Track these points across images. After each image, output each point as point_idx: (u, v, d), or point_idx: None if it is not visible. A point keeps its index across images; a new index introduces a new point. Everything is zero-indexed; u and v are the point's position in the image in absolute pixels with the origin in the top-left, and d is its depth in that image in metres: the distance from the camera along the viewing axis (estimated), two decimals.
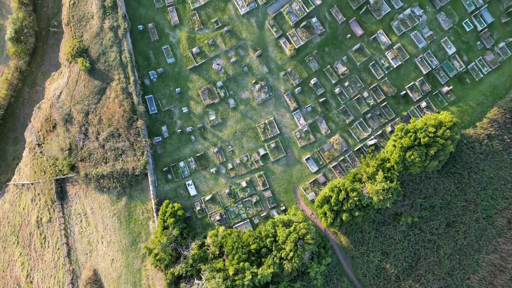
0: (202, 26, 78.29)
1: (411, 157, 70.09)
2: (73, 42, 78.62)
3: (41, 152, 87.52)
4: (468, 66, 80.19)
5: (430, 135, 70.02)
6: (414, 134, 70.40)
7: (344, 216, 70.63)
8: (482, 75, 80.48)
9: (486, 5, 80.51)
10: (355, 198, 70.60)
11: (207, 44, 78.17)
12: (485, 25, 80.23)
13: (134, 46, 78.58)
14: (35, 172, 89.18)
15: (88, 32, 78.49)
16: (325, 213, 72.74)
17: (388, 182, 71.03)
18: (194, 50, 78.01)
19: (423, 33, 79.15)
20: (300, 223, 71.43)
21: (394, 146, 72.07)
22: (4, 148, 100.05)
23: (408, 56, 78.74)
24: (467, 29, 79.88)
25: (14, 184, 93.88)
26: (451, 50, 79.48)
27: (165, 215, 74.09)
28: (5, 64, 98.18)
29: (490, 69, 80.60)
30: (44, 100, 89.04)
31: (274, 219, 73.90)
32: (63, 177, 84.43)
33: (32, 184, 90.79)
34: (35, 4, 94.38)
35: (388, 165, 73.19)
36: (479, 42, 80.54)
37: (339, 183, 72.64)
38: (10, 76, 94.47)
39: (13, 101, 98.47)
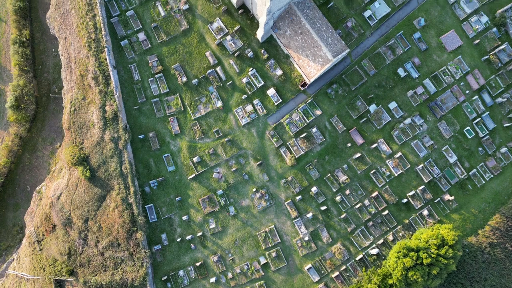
0: (203, 136, 78.33)
1: (414, 277, 69.58)
2: (74, 150, 78.53)
3: (40, 250, 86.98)
4: (470, 173, 79.87)
5: (432, 255, 69.57)
6: (416, 253, 70.04)
7: None
8: (484, 182, 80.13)
9: (488, 111, 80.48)
10: None
11: (207, 154, 78.12)
12: (487, 131, 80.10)
13: (134, 154, 78.51)
14: (35, 267, 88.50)
15: (89, 140, 78.51)
16: None
17: None
18: (195, 159, 77.93)
19: (424, 142, 79.00)
20: None
21: (396, 262, 71.43)
22: (4, 214, 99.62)
23: (409, 165, 78.48)
24: (469, 136, 79.74)
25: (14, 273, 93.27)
26: (453, 158, 79.22)
27: None
28: (5, 130, 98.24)
29: (492, 175, 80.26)
30: (45, 193, 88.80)
31: None
32: (62, 279, 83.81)
33: (32, 277, 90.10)
34: (36, 70, 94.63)
35: (390, 281, 72.49)
36: (480, 148, 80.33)
37: None
38: (10, 143, 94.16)
39: (13, 167, 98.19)
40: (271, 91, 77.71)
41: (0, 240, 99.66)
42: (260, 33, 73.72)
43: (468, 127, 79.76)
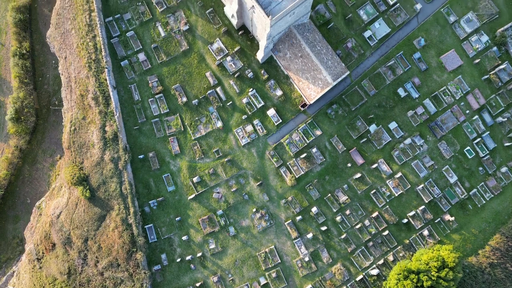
0: (203, 156, 78.27)
1: None
2: (74, 170, 78.41)
3: (40, 268, 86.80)
4: (470, 193, 79.76)
5: (433, 278, 69.45)
6: (416, 276, 69.89)
7: None
8: (484, 201, 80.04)
9: (488, 131, 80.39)
10: None
11: (207, 174, 78.06)
12: (487, 151, 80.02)
13: (134, 174, 78.43)
14: (34, 285, 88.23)
15: (89, 160, 78.46)
16: None
17: None
18: (195, 179, 77.84)
19: (424, 162, 78.93)
20: None
21: (397, 284, 71.24)
22: (4, 226, 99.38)
23: (410, 185, 78.40)
24: (469, 156, 79.68)
25: None
26: (453, 178, 79.12)
27: None
28: (5, 142, 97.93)
29: (492, 195, 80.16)
30: (45, 210, 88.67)
31: None
32: None
33: None
34: (36, 82, 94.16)
35: None
36: (481, 168, 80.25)
37: None
38: (10, 155, 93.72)
39: (13, 180, 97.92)
40: (271, 112, 77.72)
41: (0, 253, 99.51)
42: (260, 55, 73.80)
43: (468, 147, 79.70)
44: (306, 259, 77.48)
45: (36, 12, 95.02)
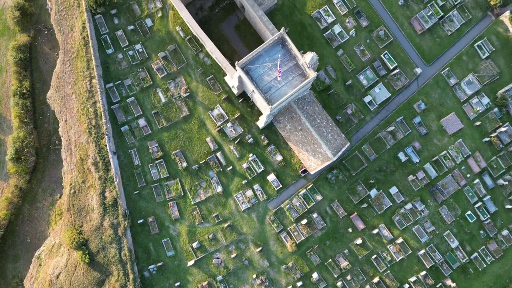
0: (202, 221, 77.96)
1: None
2: (73, 234, 78.02)
3: None
4: (471, 256, 79.26)
5: None
6: None
7: None
8: (485, 265, 79.49)
9: (489, 195, 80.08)
10: None
11: (207, 239, 77.67)
12: (488, 215, 79.69)
13: (134, 238, 78.01)
14: None
15: (88, 224, 78.15)
16: None
17: None
18: (195, 244, 77.43)
19: (425, 227, 78.62)
20: None
21: None
22: (4, 265, 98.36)
23: (411, 250, 77.97)
24: (470, 221, 79.33)
25: None
26: (454, 243, 78.74)
27: None
28: (5, 181, 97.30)
29: (494, 259, 79.67)
30: (44, 267, 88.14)
31: None
32: None
33: None
34: (36, 121, 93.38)
35: None
36: (482, 231, 79.89)
37: None
38: (10, 195, 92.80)
39: (13, 219, 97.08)
40: (271, 177, 77.58)
41: None
42: (260, 124, 73.77)
43: (469, 211, 79.38)
44: None
45: (36, 50, 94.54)
